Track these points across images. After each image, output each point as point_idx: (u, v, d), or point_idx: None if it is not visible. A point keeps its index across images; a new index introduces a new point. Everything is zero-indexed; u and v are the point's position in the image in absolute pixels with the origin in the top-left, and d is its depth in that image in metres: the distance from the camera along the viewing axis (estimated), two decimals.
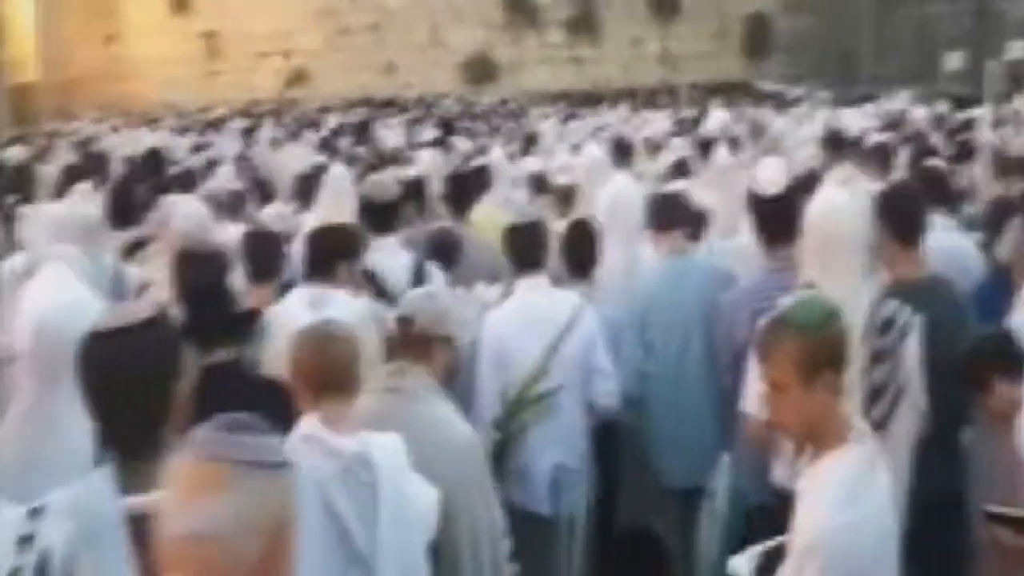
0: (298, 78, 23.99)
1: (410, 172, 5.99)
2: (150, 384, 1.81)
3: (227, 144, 10.68)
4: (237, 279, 3.49)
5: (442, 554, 2.45)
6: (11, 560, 1.58)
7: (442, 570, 2.44)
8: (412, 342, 2.76)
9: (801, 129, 9.84)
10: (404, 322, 2.79)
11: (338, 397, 2.37)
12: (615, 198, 4.52)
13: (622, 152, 7.40)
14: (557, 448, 3.50)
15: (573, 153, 8.13)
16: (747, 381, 3.03)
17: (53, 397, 2.20)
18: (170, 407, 1.84)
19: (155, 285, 3.79)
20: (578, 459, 3.57)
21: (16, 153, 8.29)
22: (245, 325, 3.22)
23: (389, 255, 4.08)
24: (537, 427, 3.44)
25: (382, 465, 2.30)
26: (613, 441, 3.82)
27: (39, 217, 4.42)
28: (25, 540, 1.61)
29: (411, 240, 4.44)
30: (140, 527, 1.67)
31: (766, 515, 2.63)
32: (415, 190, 5.23)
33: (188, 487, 1.28)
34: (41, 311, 2.34)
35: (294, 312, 3.09)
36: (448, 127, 12.39)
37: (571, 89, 21.98)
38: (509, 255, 3.82)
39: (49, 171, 7.11)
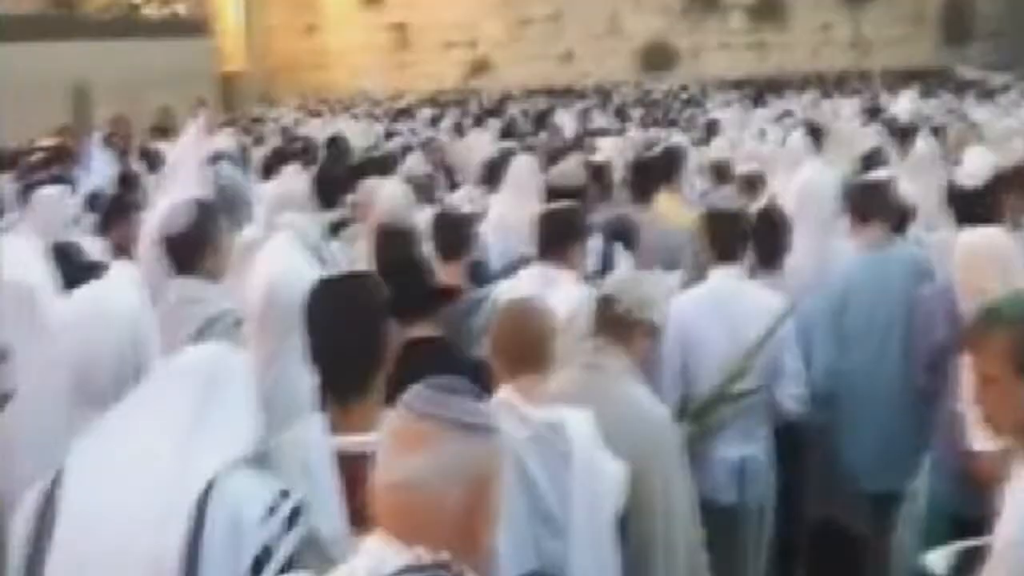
0: (481, 67, 24.49)
1: (595, 158, 6.04)
2: (366, 328, 2.02)
3: (416, 131, 11.07)
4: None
5: (633, 532, 2.48)
6: (262, 538, 1.77)
7: (633, 548, 2.48)
8: (613, 324, 2.79)
9: (1006, 119, 9.24)
10: (607, 303, 2.83)
11: (532, 372, 2.45)
12: (806, 185, 4.41)
13: (813, 138, 7.18)
14: (744, 440, 3.47)
15: (759, 140, 7.96)
16: (949, 381, 2.93)
17: (284, 352, 2.40)
18: (382, 356, 2.03)
19: (356, 263, 4.02)
20: (764, 452, 3.53)
21: (230, 136, 8.91)
22: (442, 301, 3.38)
23: None
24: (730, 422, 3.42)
25: (575, 436, 2.36)
26: (797, 438, 3.75)
27: (258, 195, 4.77)
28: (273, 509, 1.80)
29: (594, 226, 4.50)
30: (350, 464, 1.85)
31: (968, 520, 2.53)
32: (599, 176, 5.29)
33: (398, 441, 1.38)
34: (274, 274, 2.55)
35: (523, 291, 3.19)
36: (625, 115, 12.35)
37: (753, 75, 21.40)
38: (707, 243, 3.76)
39: (260, 153, 7.64)
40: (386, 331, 2.07)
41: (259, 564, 1.74)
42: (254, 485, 1.82)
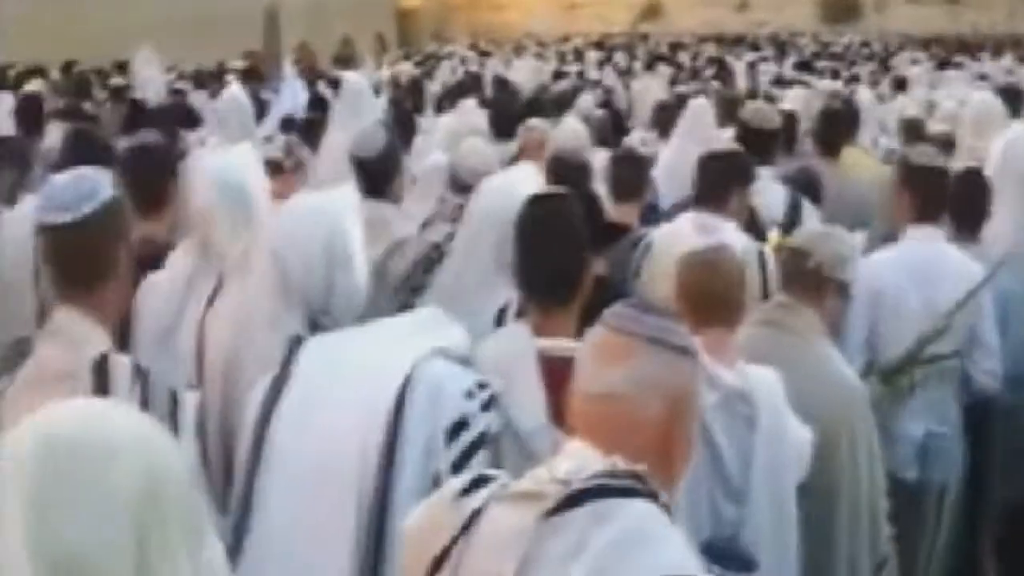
0: (651, 12, 23.97)
1: (782, 106, 5.83)
2: (572, 240, 2.15)
3: (584, 73, 10.97)
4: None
5: (818, 497, 2.37)
6: (460, 409, 1.88)
7: (817, 514, 2.38)
8: (803, 280, 2.64)
9: None
10: (797, 257, 2.68)
11: (722, 325, 2.35)
12: (1009, 149, 4.09)
13: (1011, 101, 6.67)
14: (929, 414, 3.27)
15: (952, 100, 7.47)
16: None
17: (479, 263, 2.53)
18: (585, 269, 2.13)
19: None
20: (951, 427, 3.32)
21: (406, 69, 9.08)
22: (612, 238, 3.33)
23: (763, 188, 3.95)
24: (919, 390, 3.23)
25: (761, 399, 2.27)
26: (987, 416, 3.52)
27: (433, 127, 4.83)
28: (472, 393, 1.90)
29: (779, 177, 4.31)
30: (553, 367, 1.95)
31: None
32: (786, 125, 5.07)
33: (599, 354, 1.42)
34: (492, 188, 2.61)
35: (681, 235, 3.11)
36: (808, 66, 11.81)
37: (943, 33, 20.06)
38: (905, 200, 3.49)
39: (434, 88, 7.74)
40: (587, 248, 2.17)
41: (456, 430, 1.87)
42: (454, 371, 1.95)
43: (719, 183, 3.45)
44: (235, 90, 6.00)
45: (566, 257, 2.13)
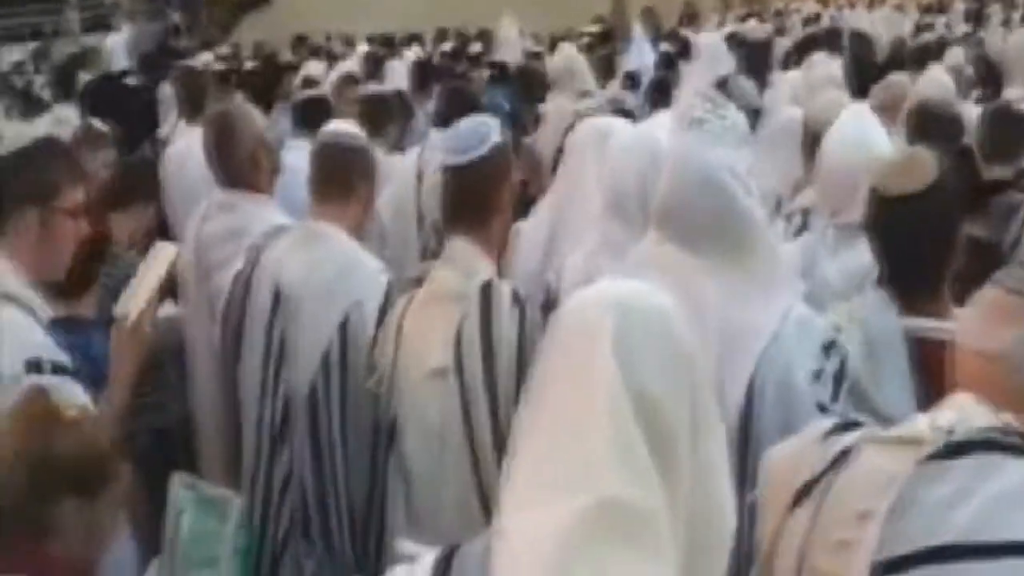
0: None
1: None
2: (937, 239, 1.99)
3: (954, 25, 10.13)
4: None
5: None
6: (816, 363, 1.83)
7: None
8: None
9: None
10: None
11: None
12: None
13: None
14: None
15: None
16: None
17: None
18: (951, 255, 1.99)
19: None
20: None
21: (752, 27, 8.97)
22: (987, 196, 3.13)
23: None
24: None
25: None
26: None
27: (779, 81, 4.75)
28: (829, 347, 1.85)
29: None
30: (919, 348, 1.88)
31: None
32: None
33: (992, 312, 1.42)
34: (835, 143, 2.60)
35: None
36: None
37: None
38: None
39: (784, 43, 7.59)
40: (956, 233, 2.01)
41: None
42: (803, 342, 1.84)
43: None
44: (569, 50, 6.27)
45: (932, 258, 1.97)
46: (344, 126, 2.99)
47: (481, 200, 2.25)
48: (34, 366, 1.87)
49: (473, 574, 1.04)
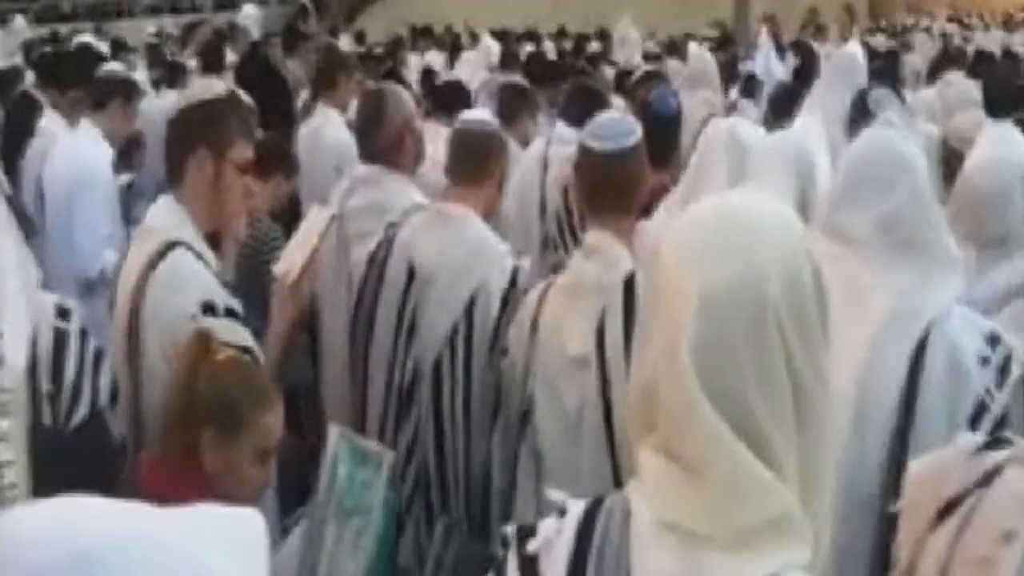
0: None
1: None
2: None
3: None
4: None
5: None
6: (984, 350, 1.80)
7: None
8: None
9: None
10: None
11: None
12: None
13: None
14: None
15: None
16: None
17: None
18: None
19: None
20: None
21: (880, 42, 8.76)
22: None
23: None
24: None
25: None
26: None
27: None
28: (993, 338, 1.82)
29: None
30: None
31: None
32: None
33: None
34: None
35: None
36: None
37: None
38: None
39: (913, 60, 7.39)
40: None
41: (978, 414, 1.78)
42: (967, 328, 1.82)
43: None
44: (701, 51, 6.25)
45: None
46: (480, 112, 3.04)
47: (625, 189, 2.27)
48: (209, 308, 2.01)
49: (617, 522, 1.09)
